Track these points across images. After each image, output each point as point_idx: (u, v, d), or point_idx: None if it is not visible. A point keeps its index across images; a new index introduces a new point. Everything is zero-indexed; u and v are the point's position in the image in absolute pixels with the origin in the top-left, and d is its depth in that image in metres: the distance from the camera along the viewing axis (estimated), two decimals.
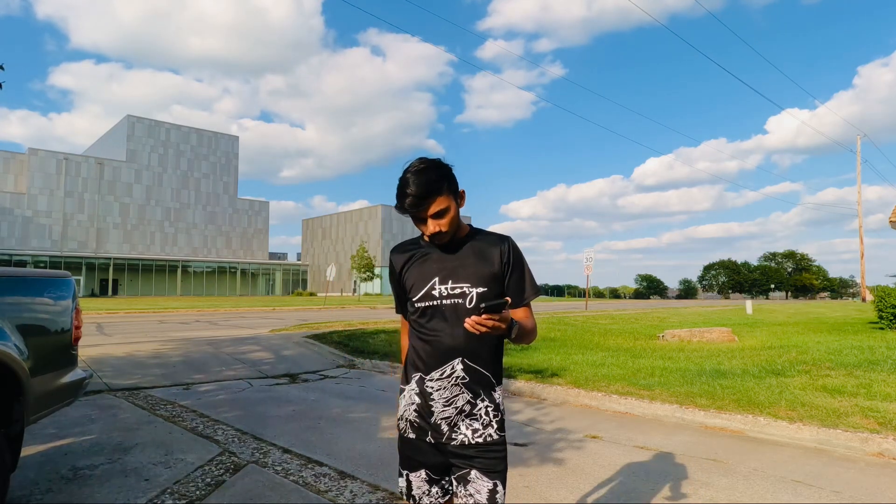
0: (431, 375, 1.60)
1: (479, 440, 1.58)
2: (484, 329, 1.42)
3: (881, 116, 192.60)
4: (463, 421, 1.59)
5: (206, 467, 3.65)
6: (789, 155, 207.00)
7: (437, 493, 1.65)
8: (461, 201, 1.62)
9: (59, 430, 4.49)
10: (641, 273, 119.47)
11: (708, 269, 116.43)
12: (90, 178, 58.35)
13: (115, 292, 56.19)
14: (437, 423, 1.59)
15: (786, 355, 8.31)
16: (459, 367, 1.58)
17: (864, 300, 35.72)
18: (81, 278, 52.23)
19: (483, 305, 1.40)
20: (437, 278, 1.61)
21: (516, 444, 4.26)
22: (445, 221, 1.56)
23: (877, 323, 14.02)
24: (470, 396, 1.59)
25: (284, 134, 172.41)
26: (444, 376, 1.59)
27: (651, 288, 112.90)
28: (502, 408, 1.65)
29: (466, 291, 1.58)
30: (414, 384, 1.64)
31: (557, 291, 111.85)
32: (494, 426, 1.60)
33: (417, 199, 1.51)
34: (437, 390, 1.59)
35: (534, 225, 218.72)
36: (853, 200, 73.40)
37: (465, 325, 1.43)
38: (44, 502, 3.06)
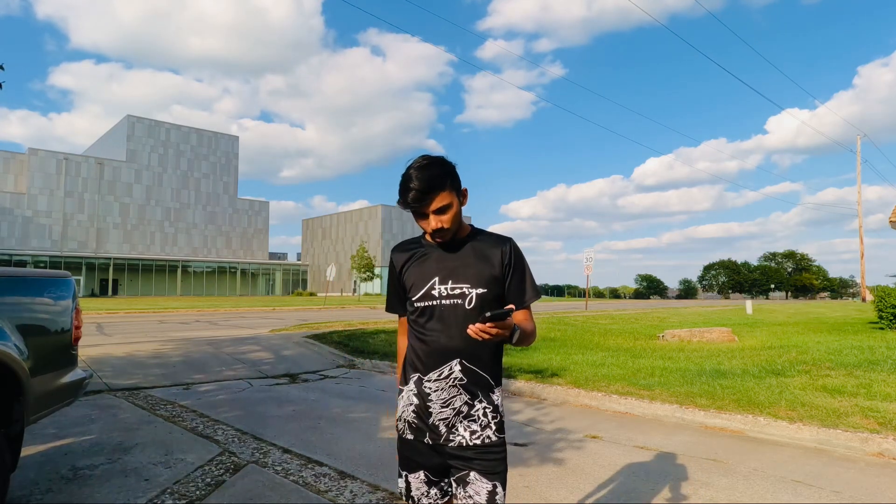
0: (429, 376, 1.59)
1: (476, 442, 1.57)
2: (487, 337, 1.41)
3: (881, 116, 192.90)
4: (461, 422, 1.58)
5: (206, 467, 3.65)
6: (789, 155, 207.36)
7: (436, 495, 1.65)
8: (464, 199, 1.61)
9: (59, 430, 4.49)
10: (641, 273, 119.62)
11: (708, 269, 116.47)
12: (90, 178, 58.35)
13: (115, 292, 56.19)
14: (434, 424, 1.59)
15: (786, 355, 8.31)
16: (457, 369, 1.57)
17: (864, 300, 35.72)
18: (81, 278, 52.24)
19: (487, 314, 1.39)
20: (437, 278, 1.60)
21: (516, 444, 4.26)
22: (448, 218, 1.55)
23: (877, 323, 14.02)
24: (468, 398, 1.58)
25: (284, 134, 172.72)
26: (441, 377, 1.58)
27: (651, 288, 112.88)
28: (501, 409, 1.63)
29: (466, 292, 1.57)
30: (412, 385, 1.63)
31: (557, 291, 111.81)
32: (493, 428, 1.59)
33: (420, 193, 1.50)
34: (435, 391, 1.58)
35: (534, 225, 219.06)
36: (853, 200, 73.41)
37: (469, 331, 1.42)
38: (44, 502, 3.06)
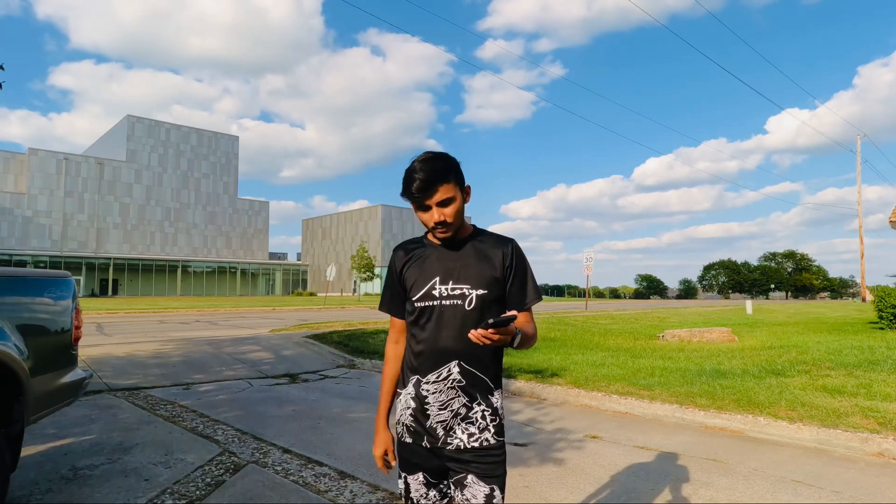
0: (428, 378, 1.58)
1: (474, 445, 1.55)
2: (488, 342, 1.39)
3: (881, 116, 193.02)
4: (459, 425, 1.56)
5: (206, 467, 3.65)
6: (789, 155, 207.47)
7: (434, 497, 1.64)
8: (467, 197, 1.61)
9: (59, 430, 4.49)
10: (641, 273, 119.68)
11: (708, 269, 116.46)
12: (90, 178, 58.34)
13: (115, 292, 56.18)
14: (432, 427, 1.57)
15: (786, 355, 8.31)
16: (456, 370, 1.56)
17: (864, 300, 35.72)
18: (81, 278, 52.24)
19: (490, 321, 1.37)
20: (438, 278, 1.59)
21: (516, 444, 4.26)
22: (450, 211, 1.54)
23: (877, 323, 14.02)
24: (466, 400, 1.56)
25: (284, 134, 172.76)
26: (440, 379, 1.57)
27: (651, 288, 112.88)
28: (501, 412, 1.61)
29: (466, 293, 1.56)
30: (410, 387, 1.62)
31: (557, 291, 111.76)
32: (491, 430, 1.57)
33: (425, 183, 1.50)
34: (433, 393, 1.57)
35: (534, 225, 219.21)
36: (853, 200, 73.44)
37: (470, 336, 1.41)
38: (44, 502, 3.06)
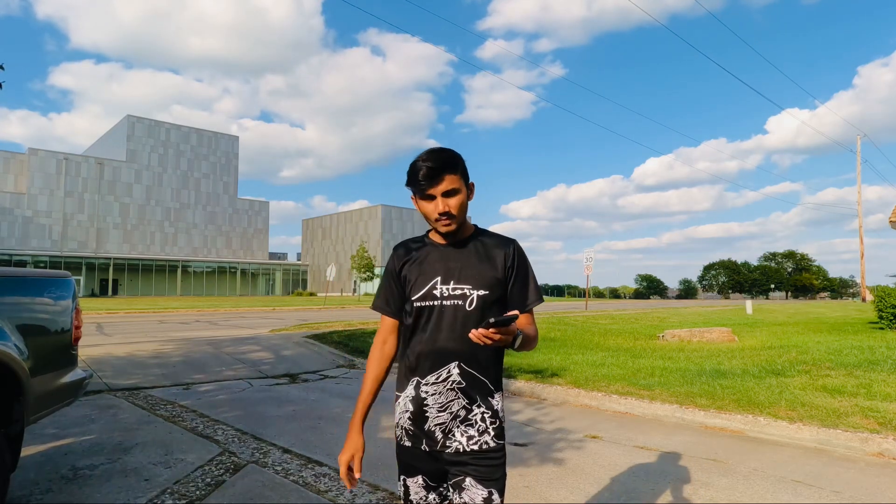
0: (427, 379, 1.56)
1: (473, 447, 1.54)
2: (489, 342, 1.38)
3: (881, 116, 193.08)
4: (458, 427, 1.55)
5: (206, 467, 3.65)
6: (789, 155, 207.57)
7: (434, 500, 1.63)
8: (471, 193, 1.61)
9: (59, 430, 4.49)
10: (641, 273, 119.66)
11: (708, 269, 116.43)
12: (90, 178, 58.33)
13: (115, 292, 56.17)
14: (431, 429, 1.56)
15: (786, 355, 8.31)
16: (455, 371, 1.54)
17: (864, 300, 35.71)
18: (81, 278, 52.23)
19: (491, 320, 1.36)
20: (440, 278, 1.57)
21: (516, 444, 4.26)
22: (455, 203, 1.53)
23: (877, 323, 14.02)
24: (465, 402, 1.55)
25: (284, 134, 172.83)
26: (440, 380, 1.55)
27: (651, 288, 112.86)
28: (501, 414, 1.59)
29: (467, 293, 1.55)
30: (410, 389, 1.60)
31: (557, 291, 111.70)
32: (491, 433, 1.55)
33: (432, 170, 1.50)
34: (433, 395, 1.55)
35: (534, 225, 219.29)
36: (853, 200, 73.42)
37: (471, 336, 1.39)
38: (44, 502, 3.06)
